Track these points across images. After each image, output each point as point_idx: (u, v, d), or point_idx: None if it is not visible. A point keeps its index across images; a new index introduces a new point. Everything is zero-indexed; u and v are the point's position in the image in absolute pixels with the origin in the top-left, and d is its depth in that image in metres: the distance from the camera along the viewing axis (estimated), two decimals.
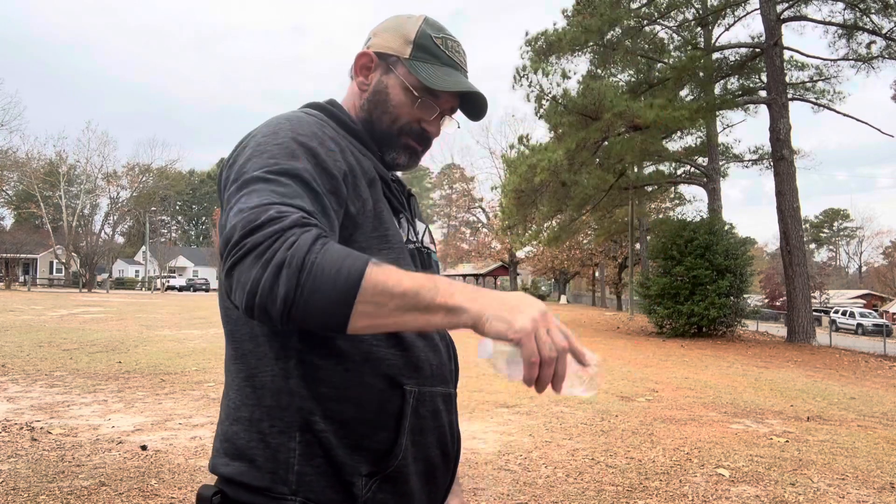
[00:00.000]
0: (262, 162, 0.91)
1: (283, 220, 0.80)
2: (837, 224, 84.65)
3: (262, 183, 0.87)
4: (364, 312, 0.78)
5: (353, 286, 0.77)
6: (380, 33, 1.16)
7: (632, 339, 17.91)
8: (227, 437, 0.99)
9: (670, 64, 20.56)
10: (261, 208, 0.82)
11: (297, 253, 0.77)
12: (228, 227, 0.82)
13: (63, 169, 50.61)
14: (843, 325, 34.63)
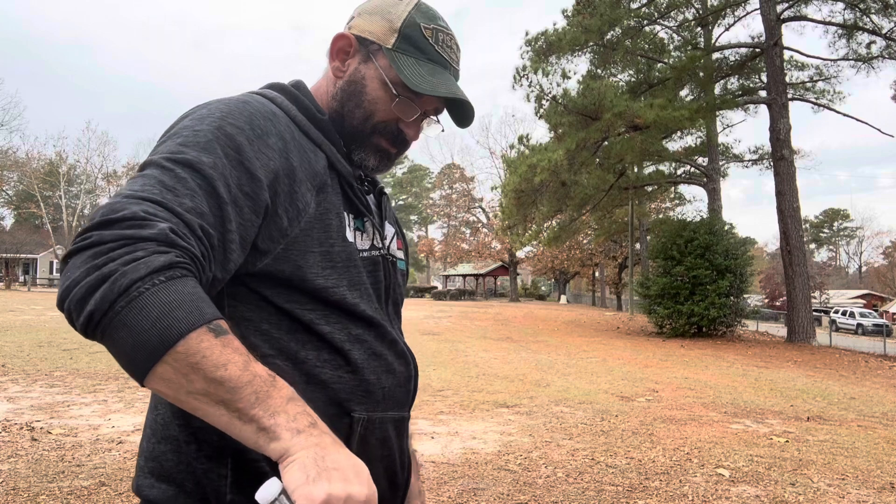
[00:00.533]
0: (170, 146, 0.80)
1: (143, 228, 0.68)
2: (837, 224, 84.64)
3: (156, 169, 0.76)
4: (164, 377, 0.66)
5: (163, 343, 0.64)
6: (364, 14, 1.01)
7: (632, 339, 17.91)
8: (153, 455, 0.89)
9: (670, 64, 20.56)
10: (131, 199, 0.70)
11: (131, 274, 0.64)
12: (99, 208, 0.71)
13: (63, 169, 50.65)
14: (843, 325, 34.63)
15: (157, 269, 0.65)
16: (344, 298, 0.90)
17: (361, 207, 0.97)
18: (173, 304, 0.65)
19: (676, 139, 24.85)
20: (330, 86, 1.02)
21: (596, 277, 53.99)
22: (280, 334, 0.87)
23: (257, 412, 0.67)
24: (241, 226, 0.80)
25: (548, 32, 19.52)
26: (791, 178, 18.65)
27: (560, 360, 11.62)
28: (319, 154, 0.94)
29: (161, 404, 0.92)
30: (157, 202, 0.71)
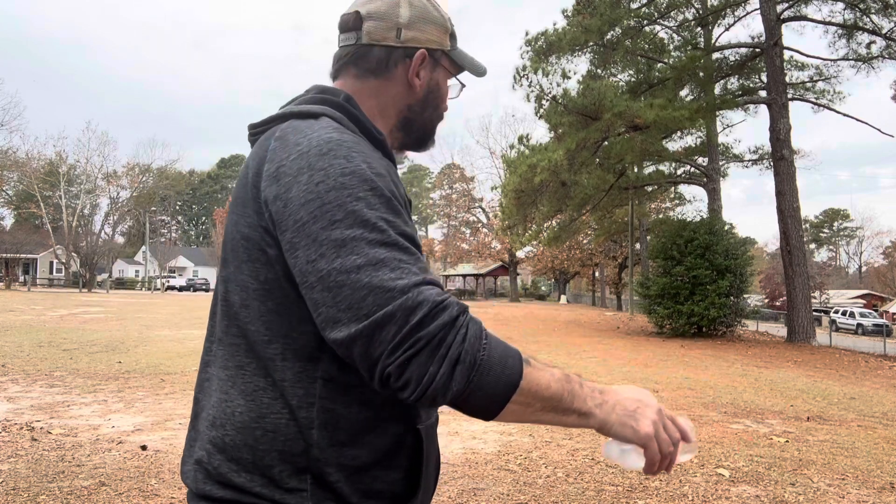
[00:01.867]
0: (358, 207, 0.83)
1: (449, 308, 0.80)
2: (837, 224, 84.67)
3: (383, 249, 0.81)
4: (513, 410, 0.82)
5: (510, 389, 0.81)
6: (416, 25, 1.05)
7: (632, 339, 17.91)
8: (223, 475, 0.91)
9: (670, 64, 20.56)
10: (415, 290, 0.79)
11: (470, 350, 0.79)
12: (374, 301, 0.78)
13: (63, 169, 50.67)
14: (843, 325, 34.64)
15: (479, 335, 0.81)
16: None
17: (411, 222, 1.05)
18: (502, 356, 0.81)
19: (676, 139, 24.87)
20: (399, 99, 1.08)
21: (596, 277, 54.01)
22: None
23: (575, 406, 0.86)
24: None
25: (548, 32, 19.53)
26: (791, 178, 18.65)
27: (560, 360, 11.62)
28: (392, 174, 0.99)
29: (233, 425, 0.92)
30: (424, 284, 0.81)
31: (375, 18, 1.04)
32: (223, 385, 0.96)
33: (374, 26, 1.04)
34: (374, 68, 1.05)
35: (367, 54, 1.05)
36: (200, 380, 1.05)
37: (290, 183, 0.86)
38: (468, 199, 59.04)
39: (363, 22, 1.04)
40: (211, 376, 1.00)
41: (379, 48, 1.04)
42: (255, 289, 0.91)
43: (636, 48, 20.37)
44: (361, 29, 1.04)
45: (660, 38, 22.29)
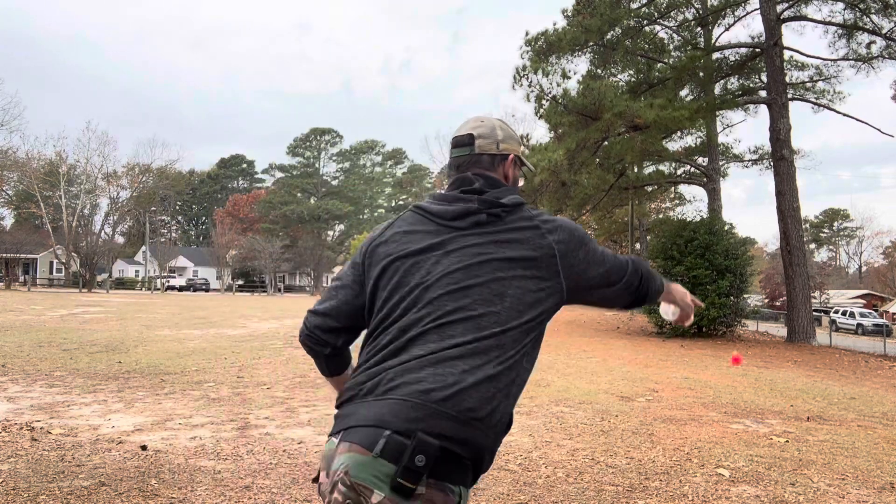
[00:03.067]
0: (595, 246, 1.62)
1: (640, 264, 1.72)
2: (837, 224, 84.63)
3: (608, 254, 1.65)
4: (663, 296, 1.87)
5: (661, 291, 1.84)
6: (509, 140, 1.68)
7: (632, 339, 17.91)
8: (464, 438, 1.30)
9: (670, 64, 20.56)
10: (631, 264, 1.69)
11: (651, 273, 1.75)
12: (624, 261, 1.67)
13: (63, 169, 50.63)
14: (843, 325, 34.64)
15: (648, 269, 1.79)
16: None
17: None
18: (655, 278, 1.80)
19: (676, 139, 24.88)
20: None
21: None
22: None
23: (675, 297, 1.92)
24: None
25: (548, 32, 19.52)
26: (791, 178, 18.65)
27: (560, 359, 11.61)
28: None
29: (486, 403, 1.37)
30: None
31: (483, 138, 1.65)
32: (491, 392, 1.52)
33: (482, 143, 1.65)
34: (486, 166, 1.64)
35: (480, 159, 1.64)
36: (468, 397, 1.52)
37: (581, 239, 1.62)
38: None
39: (475, 140, 1.64)
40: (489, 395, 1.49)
41: (487, 156, 1.64)
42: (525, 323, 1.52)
43: (636, 48, 20.37)
44: (474, 145, 1.64)
45: (660, 38, 22.29)
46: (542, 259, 1.47)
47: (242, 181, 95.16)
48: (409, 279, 1.48)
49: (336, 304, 1.57)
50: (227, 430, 5.22)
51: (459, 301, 1.41)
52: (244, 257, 60.88)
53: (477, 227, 1.51)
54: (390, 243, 1.55)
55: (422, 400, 1.28)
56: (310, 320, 1.59)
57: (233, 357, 10.15)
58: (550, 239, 1.50)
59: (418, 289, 1.45)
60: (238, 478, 3.97)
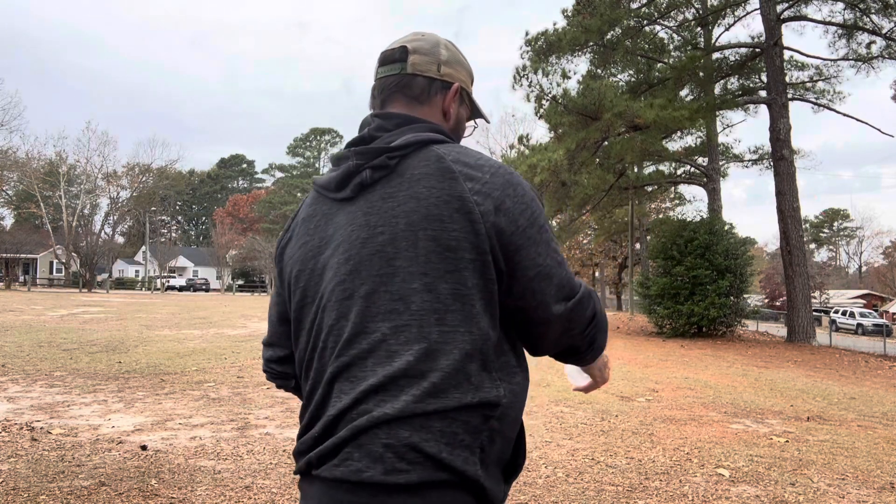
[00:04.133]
0: (544, 221, 1.12)
1: (596, 300, 1.18)
2: (837, 224, 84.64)
3: (561, 256, 1.13)
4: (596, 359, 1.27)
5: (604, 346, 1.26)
6: (452, 64, 1.23)
7: (632, 339, 17.91)
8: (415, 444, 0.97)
9: (670, 64, 20.56)
10: (585, 289, 1.16)
11: (606, 323, 1.23)
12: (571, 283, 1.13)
13: (63, 169, 50.61)
14: (843, 325, 34.64)
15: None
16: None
17: None
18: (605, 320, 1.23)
19: (676, 139, 24.87)
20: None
21: (596, 277, 54.01)
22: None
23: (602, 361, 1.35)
24: None
25: (548, 32, 19.52)
26: (791, 178, 18.65)
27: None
28: None
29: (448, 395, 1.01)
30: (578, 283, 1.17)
31: (420, 53, 1.19)
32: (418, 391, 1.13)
33: (418, 59, 1.19)
34: (417, 95, 1.19)
35: (412, 83, 1.19)
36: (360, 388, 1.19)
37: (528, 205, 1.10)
38: None
39: (409, 55, 1.19)
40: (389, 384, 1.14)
41: (422, 78, 1.19)
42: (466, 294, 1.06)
43: (636, 48, 20.36)
44: (407, 61, 1.19)
45: (660, 38, 22.29)
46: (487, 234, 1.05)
47: (242, 181, 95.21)
48: (310, 296, 1.12)
49: (273, 330, 1.27)
50: (227, 430, 5.22)
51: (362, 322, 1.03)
52: (244, 257, 60.88)
53: (363, 192, 1.10)
54: (294, 241, 1.19)
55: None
56: (264, 353, 1.29)
57: (233, 357, 10.15)
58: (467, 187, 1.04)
59: (320, 313, 1.09)
60: (238, 478, 3.97)
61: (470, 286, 1.01)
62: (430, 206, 1.02)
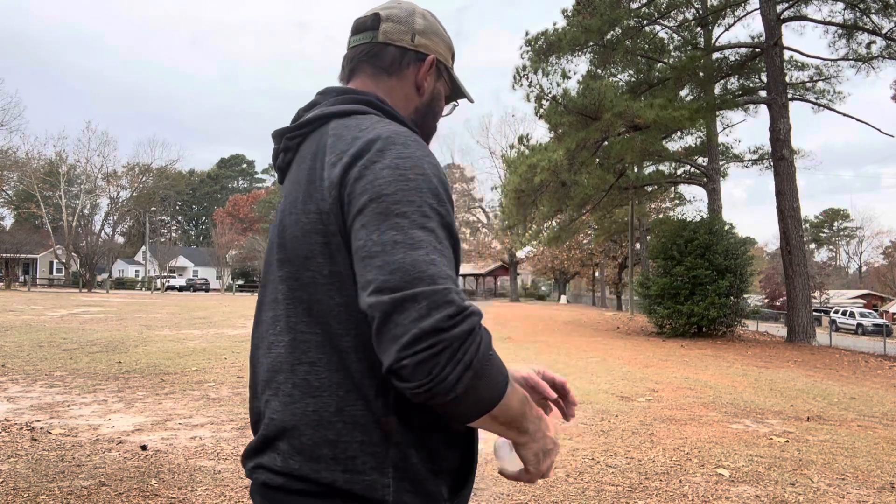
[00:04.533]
0: (409, 195, 0.88)
1: (471, 316, 0.83)
2: (837, 224, 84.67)
3: (420, 231, 0.86)
4: (484, 420, 0.88)
5: (493, 404, 0.87)
6: (428, 34, 1.13)
7: (632, 339, 17.91)
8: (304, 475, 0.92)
9: (670, 64, 20.56)
10: (443, 289, 0.82)
11: (481, 360, 0.83)
12: (399, 279, 0.81)
13: (63, 169, 50.63)
14: (843, 325, 34.63)
15: (489, 345, 0.85)
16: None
17: None
18: (498, 371, 0.86)
19: (676, 139, 24.87)
20: (407, 101, 1.13)
21: (596, 277, 54.00)
22: None
23: (523, 425, 0.93)
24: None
25: (548, 32, 19.52)
26: (791, 178, 18.65)
27: (560, 360, 11.62)
28: None
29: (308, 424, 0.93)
30: (451, 278, 0.85)
31: (393, 21, 1.11)
32: (291, 387, 0.96)
33: (391, 27, 1.11)
34: (387, 66, 1.11)
35: (382, 52, 1.10)
36: (259, 381, 1.04)
37: (365, 166, 0.91)
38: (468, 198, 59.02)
39: (381, 23, 1.11)
40: (272, 378, 0.99)
41: (394, 48, 1.10)
42: (324, 283, 0.95)
43: (636, 48, 20.36)
44: (378, 29, 1.11)
45: (660, 38, 22.28)
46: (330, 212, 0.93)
47: (242, 181, 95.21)
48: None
49: None
50: (227, 430, 5.22)
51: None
52: (244, 257, 60.87)
53: (285, 177, 1.09)
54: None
55: None
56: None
57: (233, 357, 10.15)
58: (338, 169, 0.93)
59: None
60: (238, 478, 3.97)
61: (326, 274, 0.94)
62: (300, 189, 0.98)
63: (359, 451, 0.91)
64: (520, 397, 0.91)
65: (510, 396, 0.88)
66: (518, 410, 0.91)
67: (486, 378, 0.83)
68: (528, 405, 0.93)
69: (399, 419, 0.93)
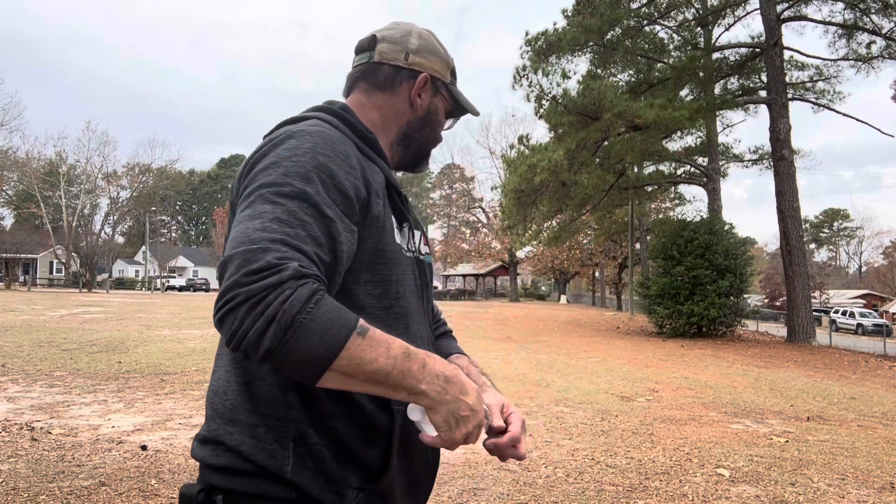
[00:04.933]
0: (275, 177, 0.93)
1: (282, 271, 0.81)
2: (837, 224, 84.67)
3: (268, 205, 0.89)
4: (333, 378, 0.84)
5: (330, 356, 0.81)
6: (423, 53, 1.21)
7: (632, 339, 17.91)
8: (218, 436, 1.00)
9: (670, 64, 20.56)
10: (261, 248, 0.83)
11: (290, 310, 0.79)
12: (228, 250, 0.86)
13: (63, 169, 50.62)
14: (843, 325, 34.63)
15: (307, 298, 0.81)
16: (386, 293, 1.05)
17: (405, 214, 1.14)
18: (328, 323, 0.82)
19: (676, 139, 24.87)
20: (400, 114, 1.21)
21: (596, 277, 54.00)
22: None
23: (405, 384, 0.88)
24: (348, 240, 0.95)
25: (548, 32, 19.52)
26: (791, 178, 18.65)
27: (560, 360, 11.62)
28: (376, 169, 1.10)
29: (230, 390, 1.01)
30: (281, 241, 0.85)
31: (389, 42, 1.20)
32: (220, 360, 1.06)
33: (386, 48, 1.20)
34: (381, 83, 1.19)
35: (377, 71, 1.19)
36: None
37: (252, 163, 0.99)
38: (468, 199, 59.07)
39: (377, 43, 1.20)
40: (217, 355, 1.10)
41: (388, 66, 1.19)
42: None
43: (636, 48, 20.36)
44: (375, 49, 1.20)
45: (660, 38, 22.28)
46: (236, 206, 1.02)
47: None
48: None
49: None
50: None
51: None
52: None
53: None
54: None
55: None
56: None
57: None
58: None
59: None
60: None
61: None
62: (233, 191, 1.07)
63: (260, 421, 0.96)
64: (390, 352, 0.86)
65: (361, 349, 0.83)
66: (382, 365, 0.85)
67: (305, 332, 0.80)
68: (414, 362, 0.88)
69: (299, 396, 0.96)
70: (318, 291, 0.83)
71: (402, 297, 1.08)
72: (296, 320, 0.79)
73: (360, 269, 1.01)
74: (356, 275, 1.01)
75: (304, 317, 0.80)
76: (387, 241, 1.05)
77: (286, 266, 0.82)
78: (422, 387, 0.89)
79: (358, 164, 1.02)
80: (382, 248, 1.04)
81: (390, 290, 1.06)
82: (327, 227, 0.91)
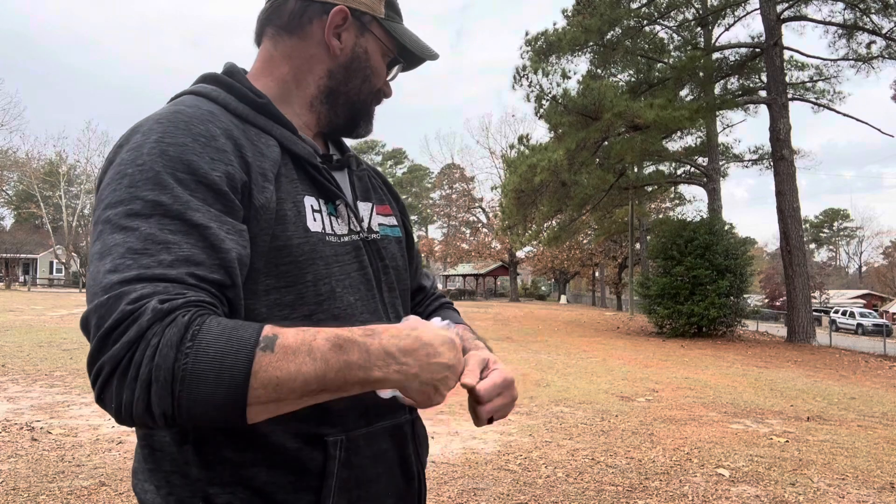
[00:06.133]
0: (120, 192, 0.74)
1: (139, 318, 0.65)
2: (837, 224, 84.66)
3: (118, 233, 0.71)
4: (260, 412, 0.68)
5: (238, 390, 0.65)
6: None
7: (632, 339, 17.91)
8: (137, 493, 0.86)
9: (670, 64, 20.57)
10: (113, 296, 0.66)
11: (164, 363, 0.64)
12: (87, 306, 0.69)
13: (63, 169, 50.63)
14: (843, 325, 34.62)
15: (179, 340, 0.64)
16: (301, 298, 0.84)
17: (332, 189, 0.92)
18: (218, 356, 0.65)
19: (676, 139, 24.87)
20: (314, 63, 0.95)
21: (596, 277, 54.01)
22: None
23: (353, 379, 0.71)
24: (238, 243, 0.76)
25: (548, 32, 19.53)
26: (791, 178, 18.65)
27: (560, 360, 11.62)
28: (270, 141, 0.87)
29: (137, 444, 0.88)
30: (135, 279, 0.68)
31: None
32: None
33: None
34: (286, 23, 0.94)
35: (281, 8, 0.94)
36: None
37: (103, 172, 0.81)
38: (468, 199, 59.05)
39: None
40: None
41: (294, 1, 0.93)
42: None
43: (636, 48, 20.37)
44: None
45: (660, 38, 22.29)
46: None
47: None
48: None
49: None
50: None
51: None
52: None
53: None
54: None
55: None
56: None
57: None
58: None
59: None
60: None
61: None
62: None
63: (164, 482, 0.82)
64: (313, 355, 0.68)
65: (272, 368, 0.66)
66: (310, 371, 0.68)
67: (194, 379, 0.64)
68: (350, 352, 0.70)
69: (195, 450, 0.80)
70: (193, 323, 0.66)
71: (334, 296, 0.86)
72: (176, 371, 0.64)
73: (256, 277, 0.80)
74: (252, 285, 0.80)
75: (184, 363, 0.64)
76: (290, 234, 0.83)
77: (142, 310, 0.65)
78: (375, 374, 0.71)
79: (231, 143, 0.81)
80: (284, 243, 0.82)
81: (306, 293, 0.84)
82: (202, 237, 0.73)
